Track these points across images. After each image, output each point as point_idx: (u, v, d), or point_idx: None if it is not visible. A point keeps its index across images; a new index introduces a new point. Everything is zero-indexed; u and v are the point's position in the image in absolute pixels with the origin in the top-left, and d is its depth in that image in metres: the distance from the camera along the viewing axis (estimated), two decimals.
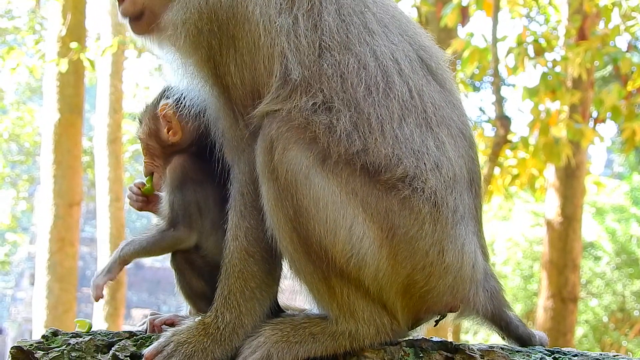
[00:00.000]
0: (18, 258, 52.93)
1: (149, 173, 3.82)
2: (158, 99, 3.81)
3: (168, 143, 3.75)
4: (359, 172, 3.28)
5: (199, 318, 3.42)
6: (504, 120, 13.65)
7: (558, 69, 13.75)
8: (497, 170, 14.54)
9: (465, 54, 13.21)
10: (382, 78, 3.39)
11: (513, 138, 14.06)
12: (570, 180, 16.60)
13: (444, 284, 3.37)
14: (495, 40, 13.36)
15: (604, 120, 14.57)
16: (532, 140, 13.66)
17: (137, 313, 48.33)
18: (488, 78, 26.60)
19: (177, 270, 3.68)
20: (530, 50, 13.63)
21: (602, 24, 14.87)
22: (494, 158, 13.73)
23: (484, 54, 13.27)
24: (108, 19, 18.76)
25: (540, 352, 3.60)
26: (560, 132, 13.42)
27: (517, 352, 3.58)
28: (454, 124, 3.54)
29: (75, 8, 16.89)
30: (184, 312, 3.79)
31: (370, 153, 3.29)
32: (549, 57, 14.07)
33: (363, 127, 3.31)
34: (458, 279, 3.40)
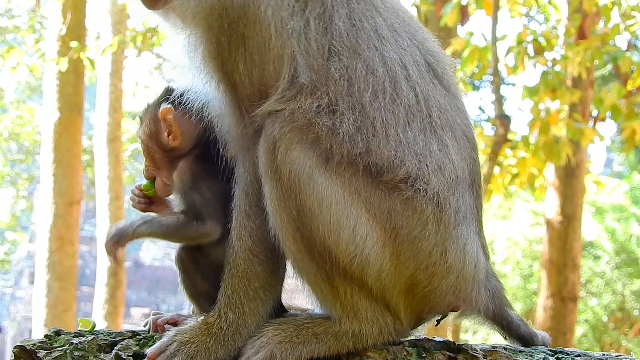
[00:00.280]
0: (18, 257, 52.91)
1: (151, 177, 3.74)
2: (160, 100, 3.74)
3: (168, 147, 3.70)
4: (362, 172, 3.28)
5: (202, 318, 3.42)
6: (504, 119, 13.65)
7: (558, 68, 13.75)
8: (496, 170, 14.54)
9: (465, 53, 13.22)
10: (389, 83, 3.39)
11: (513, 137, 14.07)
12: (570, 180, 16.60)
13: (447, 284, 3.38)
14: (495, 39, 13.36)
15: (604, 119, 14.57)
16: (532, 139, 13.66)
17: (136, 312, 48.34)
18: (488, 77, 26.62)
19: (181, 269, 3.67)
20: (530, 50, 13.63)
21: (601, 23, 14.88)
22: (494, 157, 13.73)
23: (484, 53, 13.28)
24: (108, 18, 18.76)
25: (543, 352, 3.61)
26: (560, 131, 13.42)
27: (519, 352, 3.58)
28: (458, 127, 3.55)
29: (75, 7, 16.89)
30: (186, 311, 3.79)
31: (373, 154, 3.29)
32: (549, 56, 14.08)
33: (367, 130, 3.30)
34: (460, 279, 3.40)
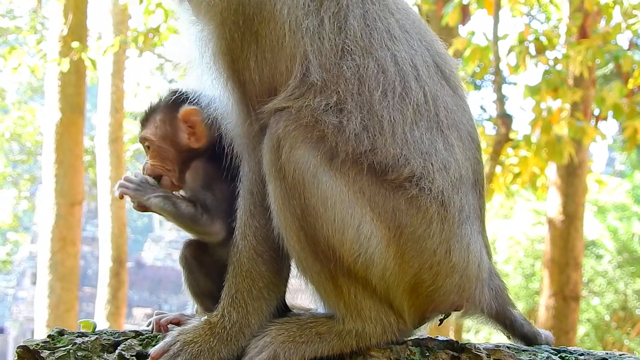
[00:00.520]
0: (20, 257, 53.02)
1: (157, 176, 3.70)
2: (171, 100, 3.72)
3: (185, 147, 3.68)
4: (366, 171, 3.28)
5: (205, 317, 3.41)
6: (506, 119, 13.65)
7: (559, 67, 13.75)
8: (498, 169, 14.53)
9: (467, 53, 13.22)
10: (399, 83, 3.39)
11: (515, 136, 14.06)
12: (572, 179, 16.61)
13: (451, 283, 3.38)
14: (497, 39, 13.36)
15: (606, 118, 14.56)
16: (533, 139, 13.65)
17: (138, 312, 48.40)
18: (489, 76, 26.57)
19: (185, 268, 3.67)
20: (532, 49, 13.63)
21: (603, 22, 14.87)
22: (496, 156, 13.73)
23: (485, 53, 13.28)
24: (109, 19, 18.77)
25: (547, 351, 3.60)
26: (562, 130, 13.41)
27: (523, 351, 3.58)
28: (464, 127, 3.55)
29: (77, 8, 16.89)
30: (189, 311, 3.79)
31: (378, 153, 3.29)
32: (551, 55, 14.09)
33: (373, 128, 3.30)
34: (464, 278, 3.40)
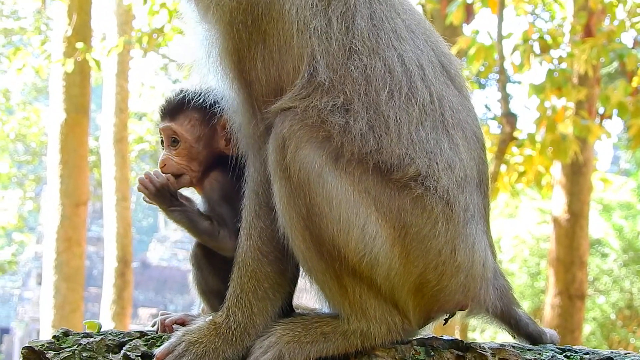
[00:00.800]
0: (25, 258, 53.07)
1: (178, 173, 3.65)
2: (203, 102, 3.63)
3: (217, 153, 3.66)
4: (372, 171, 3.28)
5: (210, 318, 3.41)
6: (510, 118, 13.63)
7: (564, 66, 13.72)
8: (503, 168, 14.51)
9: (471, 52, 13.18)
10: (406, 83, 3.40)
11: (519, 135, 14.04)
12: (577, 177, 16.57)
13: (456, 283, 3.38)
14: (501, 38, 13.33)
15: (611, 117, 14.52)
16: (538, 137, 13.63)
17: (143, 312, 48.43)
18: (494, 75, 26.61)
19: (195, 265, 3.66)
20: (536, 47, 13.60)
21: (607, 21, 14.84)
22: (500, 155, 13.71)
23: (490, 52, 13.24)
24: (114, 19, 18.78)
25: (552, 350, 3.60)
26: (567, 128, 13.38)
27: (528, 350, 3.58)
28: (469, 127, 3.56)
29: (81, 8, 16.91)
30: (195, 311, 3.79)
31: (384, 152, 3.29)
32: (555, 54, 14.06)
33: (380, 128, 3.31)
34: (469, 278, 3.40)
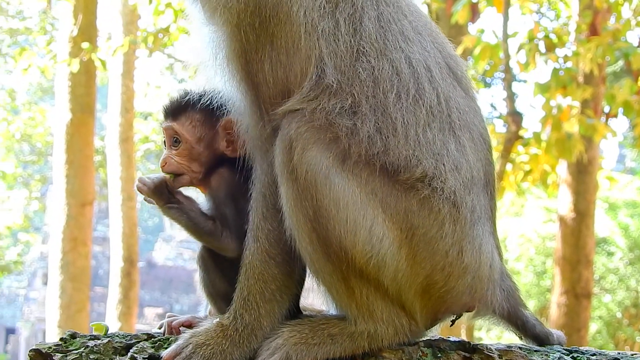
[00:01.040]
0: (31, 258, 53.16)
1: (179, 172, 3.66)
2: (208, 104, 3.65)
3: (219, 155, 3.66)
4: (379, 172, 3.28)
5: (217, 320, 3.41)
6: (516, 116, 13.64)
7: (569, 65, 13.72)
8: (509, 167, 14.51)
9: (477, 51, 13.18)
10: (413, 84, 3.39)
11: (525, 134, 14.04)
12: (583, 176, 16.57)
13: (463, 284, 3.38)
14: (506, 37, 13.34)
15: (616, 116, 14.54)
16: (544, 136, 13.62)
17: (149, 312, 48.44)
18: (499, 74, 26.56)
19: (202, 268, 3.66)
20: (542, 46, 13.60)
21: (613, 19, 14.83)
22: (506, 154, 13.72)
23: (495, 50, 13.24)
24: (119, 19, 18.81)
25: (559, 351, 3.60)
26: (573, 127, 13.38)
27: (535, 351, 3.58)
28: (476, 129, 3.56)
29: (87, 8, 16.92)
30: (202, 313, 3.79)
31: (391, 154, 3.29)
32: (560, 52, 14.06)
33: (387, 130, 3.31)
34: (476, 279, 3.40)
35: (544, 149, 13.45)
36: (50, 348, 3.44)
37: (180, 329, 3.57)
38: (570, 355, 3.59)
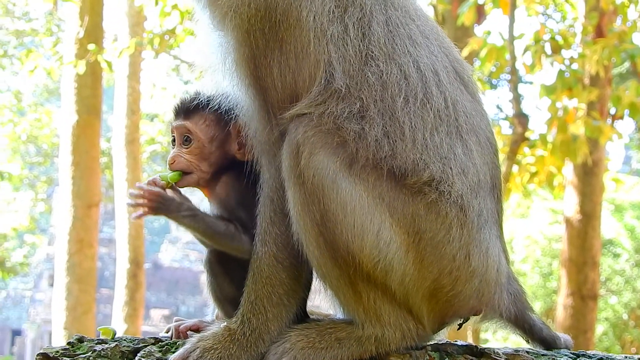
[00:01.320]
0: (37, 259, 53.24)
1: (188, 170, 3.64)
2: (218, 105, 3.62)
3: (229, 157, 3.65)
4: (386, 176, 3.28)
5: (225, 324, 3.41)
6: (522, 118, 13.60)
7: (575, 67, 13.69)
8: (515, 168, 14.48)
9: (483, 52, 13.18)
10: (421, 89, 3.40)
11: (531, 136, 14.02)
12: (589, 178, 16.55)
13: (470, 288, 3.37)
14: (512, 38, 13.31)
15: (622, 117, 14.49)
16: (550, 138, 13.60)
17: (156, 313, 48.46)
18: (505, 76, 26.56)
19: (209, 272, 3.65)
20: (548, 48, 13.56)
21: (619, 21, 14.81)
22: (512, 156, 13.68)
23: (501, 52, 13.23)
24: (125, 20, 18.82)
25: (566, 355, 3.60)
26: (578, 129, 13.35)
27: (542, 355, 3.58)
28: (482, 133, 3.56)
29: (93, 10, 16.91)
30: (210, 317, 3.79)
31: (398, 158, 3.29)
32: (566, 54, 14.02)
33: (395, 134, 3.31)
34: (483, 283, 3.40)
35: (550, 151, 13.43)
36: (58, 352, 3.45)
37: (188, 333, 3.57)
38: (577, 359, 3.58)
